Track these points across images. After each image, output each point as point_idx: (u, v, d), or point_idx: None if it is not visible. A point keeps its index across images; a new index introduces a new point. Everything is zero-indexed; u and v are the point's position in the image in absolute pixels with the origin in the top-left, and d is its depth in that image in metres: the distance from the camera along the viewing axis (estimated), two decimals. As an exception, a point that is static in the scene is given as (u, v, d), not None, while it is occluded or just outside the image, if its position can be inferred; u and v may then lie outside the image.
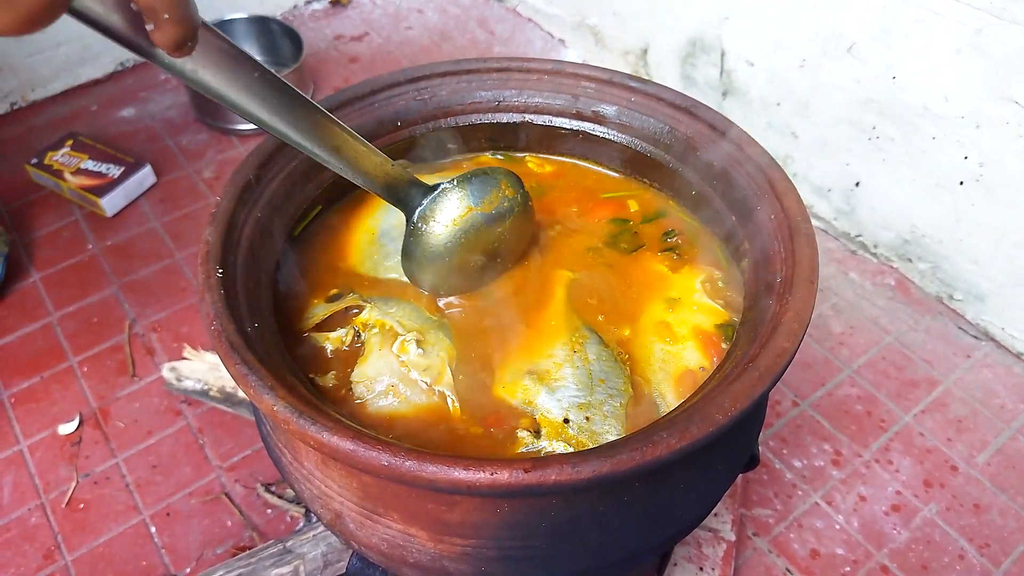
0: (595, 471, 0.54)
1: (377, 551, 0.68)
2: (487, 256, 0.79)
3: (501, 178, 0.77)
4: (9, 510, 1.22)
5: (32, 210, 1.67)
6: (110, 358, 1.41)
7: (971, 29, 1.24)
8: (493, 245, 0.78)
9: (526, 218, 0.80)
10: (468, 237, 0.75)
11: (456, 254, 0.76)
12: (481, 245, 0.77)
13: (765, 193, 0.76)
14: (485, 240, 0.77)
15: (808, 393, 1.39)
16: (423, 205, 0.74)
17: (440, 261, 0.76)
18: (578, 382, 0.73)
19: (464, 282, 0.81)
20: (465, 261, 0.77)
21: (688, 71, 1.80)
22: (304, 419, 0.57)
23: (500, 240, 0.78)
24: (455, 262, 0.77)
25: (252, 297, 0.71)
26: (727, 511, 1.16)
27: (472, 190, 0.75)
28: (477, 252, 0.78)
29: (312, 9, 2.26)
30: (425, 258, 0.76)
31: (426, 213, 0.74)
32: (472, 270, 0.79)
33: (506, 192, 0.77)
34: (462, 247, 0.76)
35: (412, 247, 0.76)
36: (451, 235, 0.75)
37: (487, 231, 0.76)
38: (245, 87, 0.57)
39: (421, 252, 0.76)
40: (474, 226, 0.75)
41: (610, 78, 0.89)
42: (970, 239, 1.42)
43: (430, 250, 0.75)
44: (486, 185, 0.76)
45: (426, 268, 0.77)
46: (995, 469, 1.29)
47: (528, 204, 0.80)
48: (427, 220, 0.74)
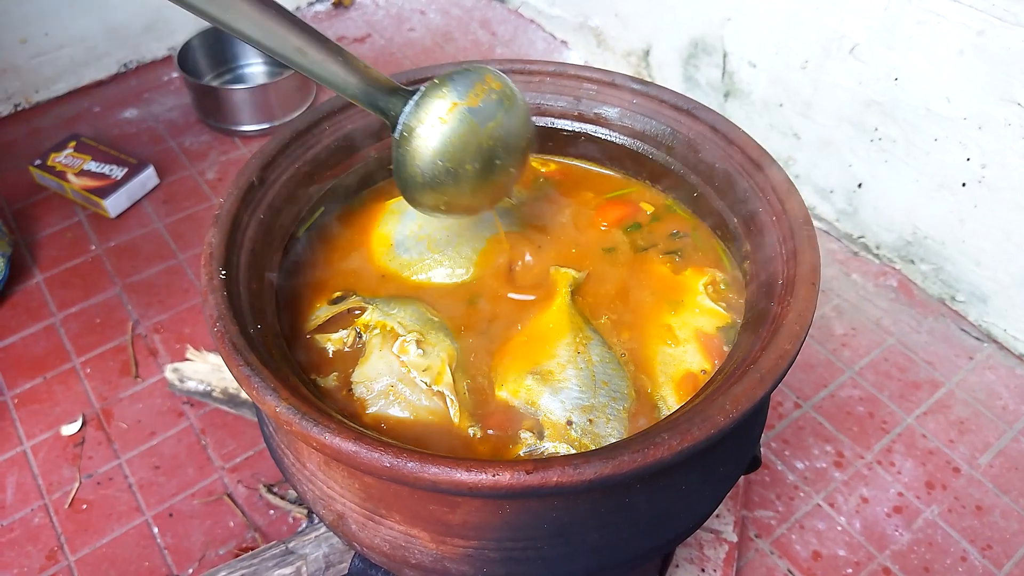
0: (597, 473, 0.54)
1: (379, 552, 0.68)
2: (483, 160, 0.72)
3: (485, 72, 0.72)
4: (12, 511, 1.22)
5: (35, 211, 1.67)
6: (113, 359, 1.42)
7: (973, 31, 1.24)
8: (487, 145, 0.71)
9: (518, 114, 0.74)
10: (458, 136, 0.69)
11: (449, 157, 0.70)
12: (474, 145, 0.71)
13: (767, 195, 0.76)
14: (477, 139, 0.71)
15: (810, 394, 1.39)
16: (406, 110, 0.69)
17: (434, 168, 0.70)
18: (581, 384, 0.73)
19: (465, 196, 0.74)
20: (460, 166, 0.71)
21: (690, 72, 1.80)
22: (307, 420, 0.57)
23: (493, 139, 0.72)
24: (450, 166, 0.70)
25: (255, 299, 0.71)
26: (729, 513, 1.16)
27: (455, 85, 0.70)
28: (471, 154, 0.71)
29: (315, 11, 2.26)
30: (418, 168, 0.70)
31: (410, 118, 0.69)
32: (471, 180, 0.72)
33: (492, 84, 0.72)
34: (454, 148, 0.70)
35: (402, 159, 0.71)
36: (440, 136, 0.69)
37: (477, 128, 0.70)
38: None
39: (412, 162, 0.70)
40: (463, 122, 0.69)
41: (612, 80, 0.89)
42: (972, 240, 1.42)
43: (420, 157, 0.70)
44: (469, 79, 0.71)
45: (420, 181, 0.71)
46: (997, 471, 1.29)
47: (518, 99, 0.74)
48: (412, 125, 0.69)
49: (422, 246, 0.86)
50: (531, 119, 0.76)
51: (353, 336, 0.78)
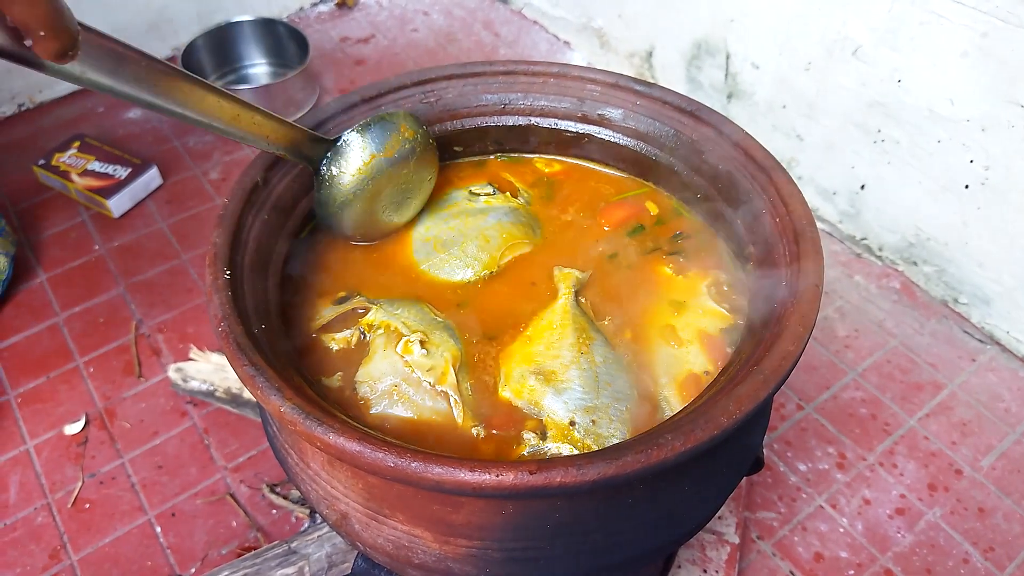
0: (600, 473, 0.54)
1: (382, 552, 0.68)
2: (396, 198, 0.84)
3: (400, 121, 0.81)
4: (15, 510, 1.23)
5: (39, 211, 1.67)
6: (116, 359, 1.42)
7: (977, 32, 1.24)
8: (401, 186, 0.83)
9: (429, 157, 0.85)
10: (376, 183, 0.80)
11: (365, 200, 0.81)
12: (389, 188, 0.82)
13: (771, 196, 0.76)
14: (393, 183, 0.82)
15: (813, 396, 1.39)
16: (327, 159, 0.78)
17: (351, 208, 0.81)
18: (584, 384, 0.73)
19: (379, 225, 0.85)
20: (374, 206, 0.82)
21: (693, 73, 1.80)
22: (311, 420, 0.57)
23: (406, 180, 0.83)
24: (366, 207, 0.81)
25: (259, 299, 0.71)
26: (731, 514, 1.16)
27: (373, 137, 0.79)
28: (386, 195, 0.82)
29: (318, 11, 2.27)
30: (337, 207, 0.80)
31: (331, 165, 0.79)
32: (385, 211, 0.84)
33: (406, 135, 0.81)
34: (371, 193, 0.81)
35: (324, 198, 0.80)
36: (358, 183, 0.79)
37: (393, 174, 0.81)
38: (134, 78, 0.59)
39: (333, 201, 0.80)
40: (379, 171, 0.80)
41: (615, 81, 0.89)
42: (976, 242, 1.42)
43: (340, 199, 0.80)
44: (385, 130, 0.80)
45: (339, 216, 0.81)
46: (1000, 473, 1.29)
47: (429, 141, 0.84)
48: (332, 171, 0.79)
49: (428, 247, 0.86)
50: (437, 158, 0.87)
51: (357, 336, 0.78)
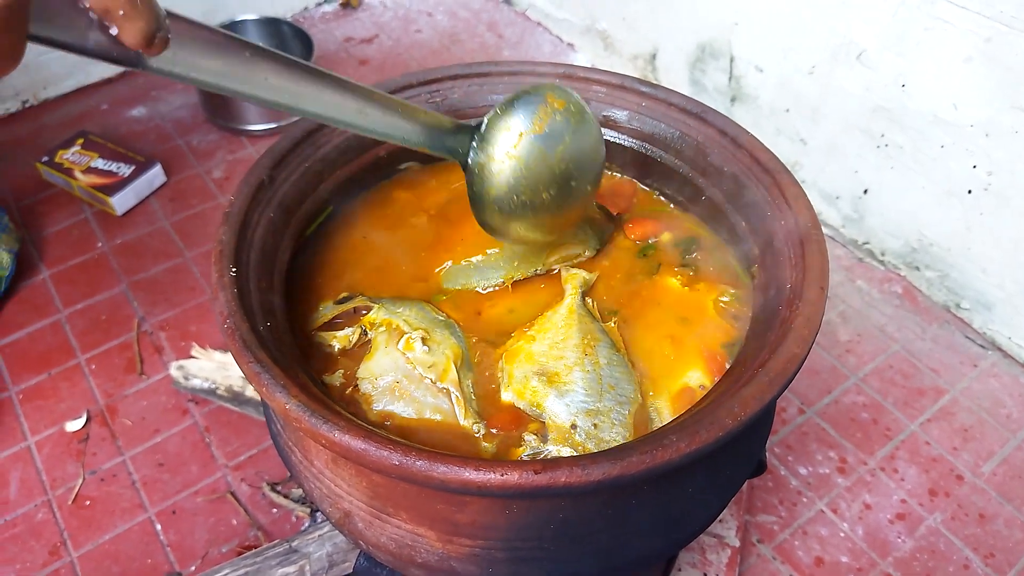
0: (605, 474, 0.54)
1: (385, 551, 0.68)
2: (558, 185, 0.71)
3: (546, 92, 0.70)
4: (16, 506, 1.22)
5: (42, 208, 1.67)
6: (118, 356, 1.42)
7: (981, 38, 1.24)
8: (560, 169, 0.71)
9: (587, 129, 0.72)
10: (530, 167, 0.69)
11: (523, 189, 0.69)
12: (547, 173, 0.70)
13: (776, 199, 0.76)
14: (549, 166, 0.70)
15: (814, 400, 1.39)
16: (474, 147, 0.69)
17: (511, 202, 0.70)
18: (587, 387, 0.72)
19: (546, 222, 0.74)
20: (536, 196, 0.71)
21: (697, 76, 1.80)
22: (316, 417, 0.57)
23: (565, 161, 0.71)
24: (526, 198, 0.70)
25: (264, 296, 0.71)
26: (732, 517, 1.16)
27: (518, 114, 0.68)
28: (545, 182, 0.70)
29: (323, 11, 2.27)
30: (495, 203, 0.70)
31: (479, 154, 0.69)
32: (550, 206, 0.72)
33: (555, 104, 0.70)
34: (528, 180, 0.69)
35: (478, 196, 0.70)
36: (512, 169, 0.68)
37: (548, 154, 0.69)
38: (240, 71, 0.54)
39: (488, 196, 0.70)
40: (533, 150, 0.68)
41: (621, 83, 0.89)
42: (978, 248, 1.42)
43: (496, 192, 0.69)
44: (530, 105, 0.69)
45: (499, 214, 0.71)
46: (1001, 479, 1.29)
47: (585, 112, 0.72)
48: (483, 162, 0.69)
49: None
50: (600, 131, 0.75)
51: (358, 333, 0.78)
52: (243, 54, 0.53)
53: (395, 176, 0.94)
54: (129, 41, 0.45)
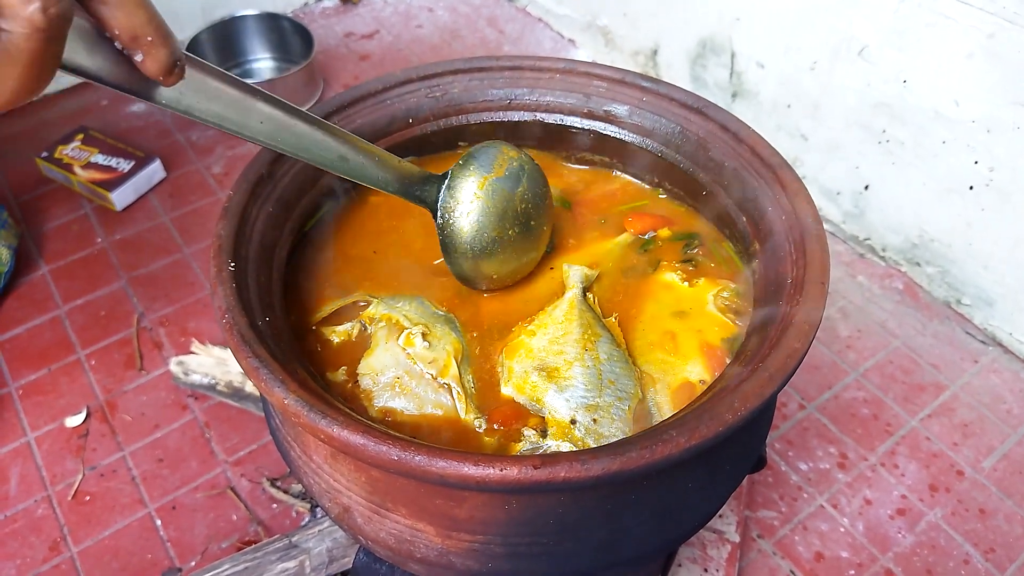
0: (605, 469, 0.54)
1: (384, 546, 0.68)
2: (520, 223, 0.78)
3: (500, 145, 0.78)
4: (16, 501, 1.23)
5: (42, 203, 1.67)
6: (118, 351, 1.42)
7: (983, 33, 1.24)
8: (521, 208, 0.78)
9: (537, 177, 0.80)
10: (496, 204, 0.76)
11: (491, 226, 0.76)
12: (511, 211, 0.77)
13: (776, 193, 0.76)
14: (512, 205, 0.77)
15: (814, 396, 1.38)
16: (442, 194, 0.75)
17: (481, 240, 0.76)
18: (587, 382, 0.72)
19: (511, 262, 0.80)
20: (504, 232, 0.77)
21: (698, 72, 1.80)
22: (315, 413, 0.57)
23: (525, 201, 0.78)
24: (494, 235, 0.76)
25: (263, 291, 0.71)
26: (732, 513, 1.16)
27: (479, 162, 0.76)
28: (510, 220, 0.77)
29: (323, 6, 2.26)
30: (466, 244, 0.76)
31: (448, 199, 0.75)
32: (514, 246, 0.79)
33: (509, 154, 0.78)
34: (494, 216, 0.76)
35: (449, 239, 0.76)
36: (480, 209, 0.75)
37: (509, 195, 0.77)
38: (244, 112, 0.58)
39: (459, 238, 0.76)
40: (496, 192, 0.76)
41: (622, 78, 0.89)
42: (979, 244, 1.42)
43: (466, 232, 0.76)
44: (488, 154, 0.77)
45: (470, 257, 0.77)
46: (1001, 474, 1.29)
47: (533, 163, 0.80)
48: (451, 205, 0.75)
49: None
50: (546, 179, 0.82)
51: (358, 328, 0.78)
52: (242, 96, 0.58)
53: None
54: (151, 69, 0.48)
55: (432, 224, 0.77)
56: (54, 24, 0.39)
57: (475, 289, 0.82)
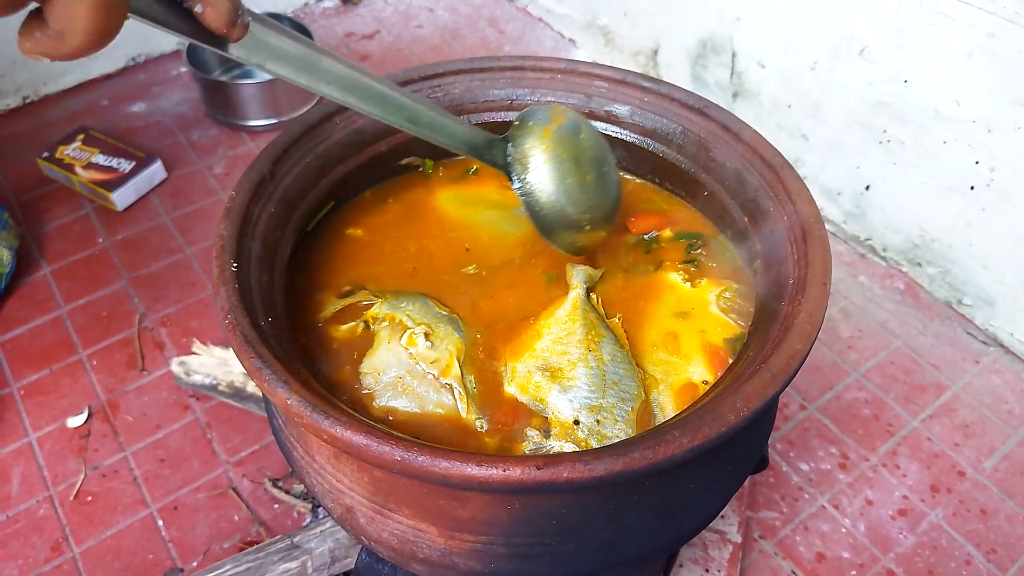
0: (607, 469, 0.54)
1: (387, 546, 0.68)
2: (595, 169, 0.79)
3: (549, 105, 0.80)
4: (18, 502, 1.23)
5: (43, 204, 1.67)
6: (119, 352, 1.42)
7: (984, 33, 1.24)
8: (591, 154, 0.79)
9: (592, 128, 0.81)
10: (566, 151, 0.76)
11: (569, 171, 0.77)
12: (582, 157, 0.78)
13: (778, 194, 0.76)
14: (581, 150, 0.78)
15: (816, 396, 1.38)
16: (510, 152, 0.76)
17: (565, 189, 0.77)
18: (591, 383, 0.72)
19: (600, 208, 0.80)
20: (582, 178, 0.78)
21: (699, 72, 1.80)
22: (317, 413, 0.57)
23: (590, 147, 0.79)
24: (574, 180, 0.77)
25: (266, 291, 0.71)
26: (733, 513, 1.16)
27: (536, 117, 0.77)
28: (584, 165, 0.78)
29: (323, 7, 2.26)
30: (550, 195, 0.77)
31: (517, 155, 0.76)
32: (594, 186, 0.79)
33: (560, 109, 0.79)
34: (568, 162, 0.76)
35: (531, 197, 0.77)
36: (553, 156, 0.76)
37: (575, 140, 0.78)
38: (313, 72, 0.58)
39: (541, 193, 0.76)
40: (562, 139, 0.77)
41: (623, 78, 0.89)
42: (980, 244, 1.42)
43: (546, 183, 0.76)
44: (542, 110, 0.78)
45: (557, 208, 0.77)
46: (1003, 475, 1.29)
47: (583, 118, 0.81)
48: (523, 159, 0.76)
49: None
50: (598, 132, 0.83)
51: (361, 327, 0.78)
52: (311, 56, 0.58)
53: (397, 170, 0.94)
54: (211, 22, 0.47)
55: (433, 225, 0.77)
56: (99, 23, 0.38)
57: (575, 253, 0.82)
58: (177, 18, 0.46)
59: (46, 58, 0.41)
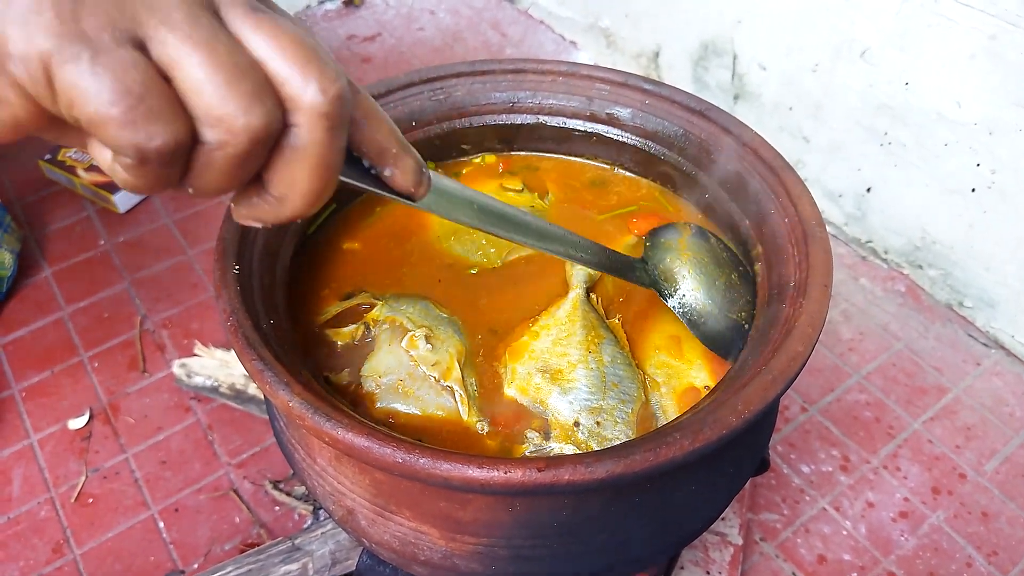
0: (609, 471, 0.54)
1: (388, 548, 0.68)
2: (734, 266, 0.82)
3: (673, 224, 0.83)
4: (19, 503, 1.23)
5: (45, 205, 1.68)
6: (121, 353, 1.42)
7: (985, 35, 1.24)
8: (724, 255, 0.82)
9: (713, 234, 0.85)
10: (703, 254, 0.80)
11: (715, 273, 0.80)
12: (718, 256, 0.81)
13: (779, 196, 0.76)
14: (715, 252, 0.81)
15: (817, 399, 1.38)
16: (652, 271, 0.79)
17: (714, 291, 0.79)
18: (591, 385, 0.72)
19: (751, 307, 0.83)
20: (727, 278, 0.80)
21: (700, 74, 1.80)
22: (319, 415, 0.57)
23: (721, 249, 0.82)
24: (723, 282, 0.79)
25: (267, 294, 0.71)
26: (734, 515, 1.16)
27: (664, 232, 0.81)
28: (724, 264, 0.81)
29: (325, 9, 2.27)
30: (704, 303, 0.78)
31: (662, 270, 0.79)
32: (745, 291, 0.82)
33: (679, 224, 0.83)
34: (711, 265, 0.80)
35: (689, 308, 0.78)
36: (693, 261, 0.79)
37: (708, 244, 0.82)
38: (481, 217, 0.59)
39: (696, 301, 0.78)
40: (697, 244, 0.81)
41: (624, 80, 0.89)
42: (981, 246, 1.42)
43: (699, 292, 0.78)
44: (665, 228, 0.82)
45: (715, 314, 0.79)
46: (1004, 477, 1.29)
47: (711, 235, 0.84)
48: (669, 271, 0.79)
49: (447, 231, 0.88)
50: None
51: (362, 330, 0.78)
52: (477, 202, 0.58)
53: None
54: (399, 186, 0.47)
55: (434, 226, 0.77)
56: (336, 105, 0.37)
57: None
58: (371, 181, 0.47)
59: (260, 224, 0.42)
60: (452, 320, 0.79)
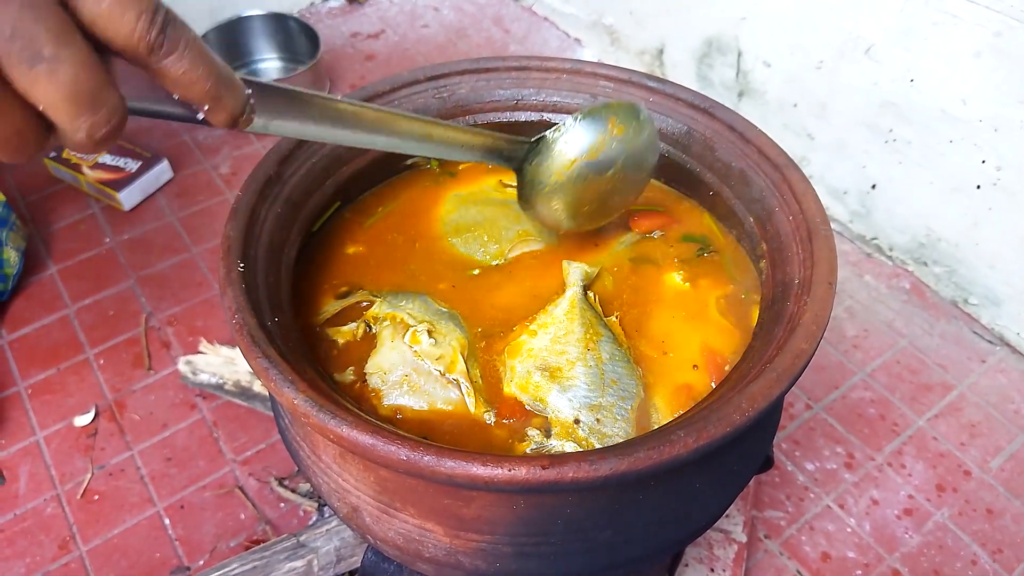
0: (613, 469, 0.54)
1: (393, 545, 0.68)
2: (600, 200, 0.78)
3: (610, 115, 0.73)
4: (25, 500, 1.23)
5: (50, 203, 1.68)
6: (126, 351, 1.42)
7: (990, 32, 1.24)
8: (606, 187, 0.77)
9: (641, 150, 0.76)
10: (577, 187, 0.75)
11: (569, 203, 0.76)
12: (593, 191, 0.76)
13: (784, 194, 0.76)
14: (596, 187, 0.76)
15: (821, 396, 1.38)
16: (527, 161, 0.75)
17: (551, 208, 0.77)
18: (590, 382, 0.72)
19: (582, 221, 0.81)
20: (579, 207, 0.77)
21: (704, 71, 1.80)
22: (324, 412, 0.57)
23: (614, 181, 0.76)
24: (566, 207, 0.77)
25: (272, 292, 0.71)
26: (739, 513, 1.16)
27: (574, 137, 0.73)
28: (588, 198, 0.77)
29: (329, 6, 2.27)
30: (539, 204, 0.77)
31: (530, 168, 0.75)
32: (590, 212, 0.79)
33: (615, 132, 0.73)
34: (573, 196, 0.76)
35: (526, 194, 0.77)
36: (558, 187, 0.75)
37: (597, 178, 0.75)
38: (317, 120, 0.58)
39: (530, 199, 0.77)
40: (580, 176, 0.74)
41: (628, 78, 0.89)
42: (986, 243, 1.42)
43: (538, 198, 0.76)
44: (591, 129, 0.73)
45: (541, 212, 0.78)
46: (1009, 474, 1.28)
47: (646, 133, 0.75)
48: (533, 174, 0.75)
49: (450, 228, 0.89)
50: (658, 148, 0.80)
51: (363, 328, 0.78)
52: (316, 107, 0.57)
53: (403, 171, 0.94)
54: (217, 123, 0.49)
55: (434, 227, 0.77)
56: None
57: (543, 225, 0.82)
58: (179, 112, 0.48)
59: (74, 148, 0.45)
60: (452, 314, 0.79)
